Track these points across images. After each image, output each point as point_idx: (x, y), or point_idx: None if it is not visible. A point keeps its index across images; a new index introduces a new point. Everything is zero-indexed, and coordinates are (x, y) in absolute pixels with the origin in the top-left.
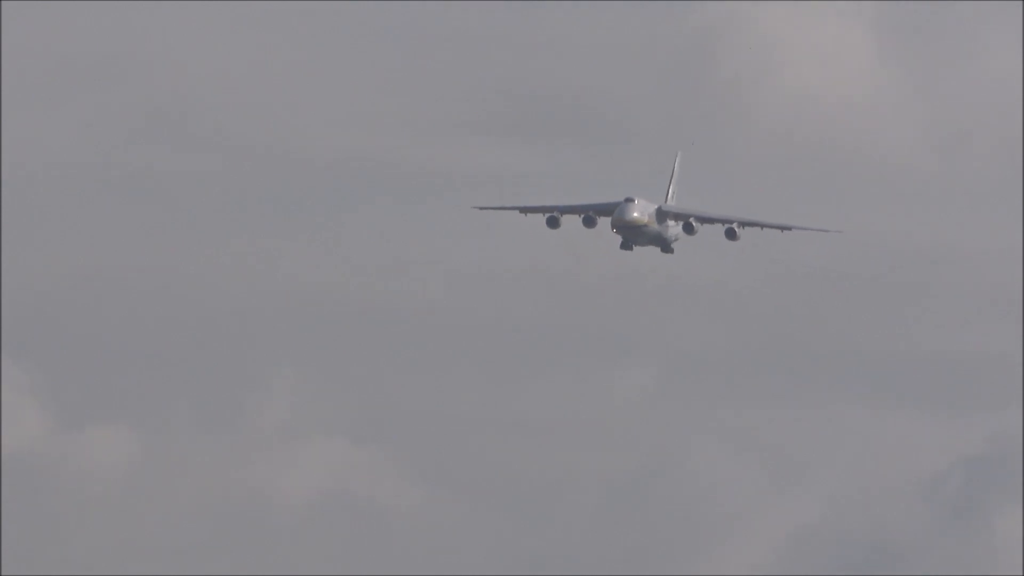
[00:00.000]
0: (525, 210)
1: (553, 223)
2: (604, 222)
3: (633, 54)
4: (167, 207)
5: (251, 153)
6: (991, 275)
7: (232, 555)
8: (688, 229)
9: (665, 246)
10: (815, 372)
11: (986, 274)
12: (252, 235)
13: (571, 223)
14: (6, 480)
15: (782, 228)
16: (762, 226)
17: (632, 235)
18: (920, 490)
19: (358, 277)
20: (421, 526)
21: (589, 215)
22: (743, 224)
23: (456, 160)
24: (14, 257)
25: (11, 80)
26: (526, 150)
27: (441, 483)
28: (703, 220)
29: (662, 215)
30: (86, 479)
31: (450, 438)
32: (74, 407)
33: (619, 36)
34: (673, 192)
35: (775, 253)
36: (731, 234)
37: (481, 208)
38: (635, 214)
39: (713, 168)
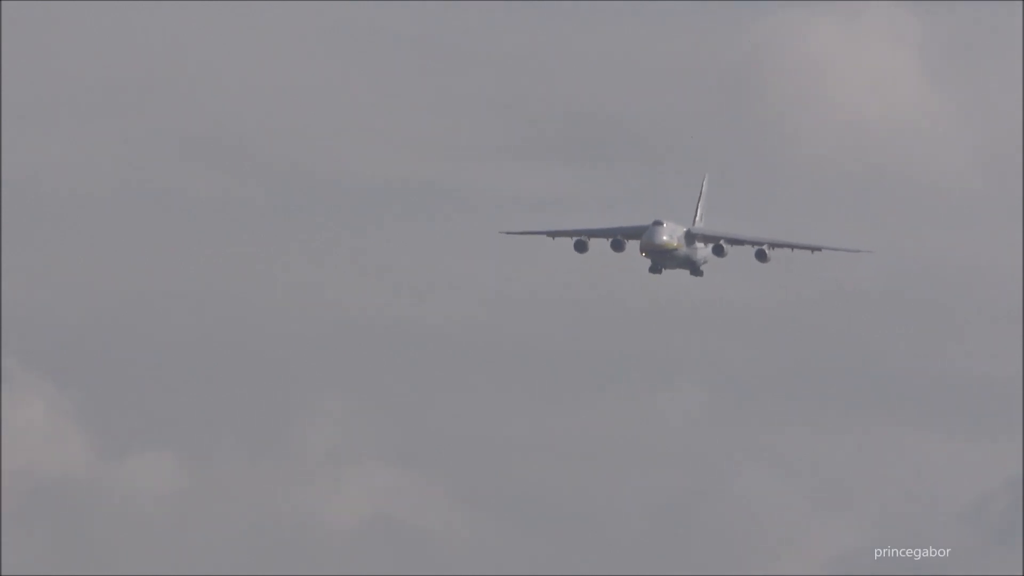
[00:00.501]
0: (554, 234)
1: (581, 247)
2: (632, 245)
3: (674, 77)
4: (203, 230)
5: (286, 175)
6: None
7: None
8: (718, 251)
9: (694, 269)
10: (856, 394)
11: None
12: (289, 259)
13: (599, 247)
14: (51, 508)
15: (812, 249)
16: (792, 247)
17: (661, 258)
18: (964, 512)
19: (397, 301)
20: (465, 551)
21: (617, 239)
22: (773, 245)
23: (493, 183)
24: (57, 283)
25: (45, 101)
26: (566, 173)
27: (486, 508)
28: (733, 242)
29: (691, 237)
30: (130, 507)
31: (494, 463)
32: (118, 435)
33: (661, 59)
34: (701, 214)
35: (818, 274)
36: (761, 256)
37: (508, 233)
38: (664, 237)
39: (756, 190)
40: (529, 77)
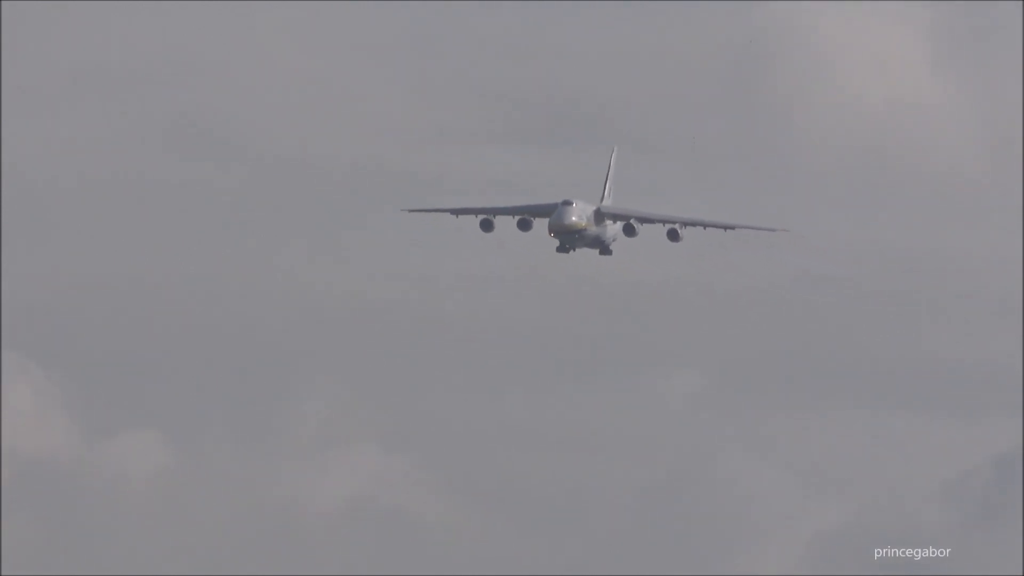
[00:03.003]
0: (457, 212)
1: (487, 226)
2: (540, 224)
3: (673, 63)
4: (189, 215)
5: (269, 162)
6: None
7: (261, 563)
8: (628, 231)
9: (604, 248)
10: (835, 379)
11: None
12: (276, 243)
13: (505, 225)
14: (38, 488)
15: (725, 227)
16: (705, 226)
17: (570, 239)
18: (948, 494)
19: (384, 285)
20: (451, 536)
21: (525, 218)
22: (685, 224)
23: (478, 169)
24: (43, 266)
25: (33, 87)
26: (553, 159)
27: (471, 493)
28: (643, 220)
29: (600, 216)
30: (116, 487)
31: (478, 448)
32: (104, 415)
33: (659, 44)
34: (610, 190)
35: (800, 259)
36: (673, 235)
37: (411, 210)
38: (573, 218)
39: (755, 175)
40: (517, 62)
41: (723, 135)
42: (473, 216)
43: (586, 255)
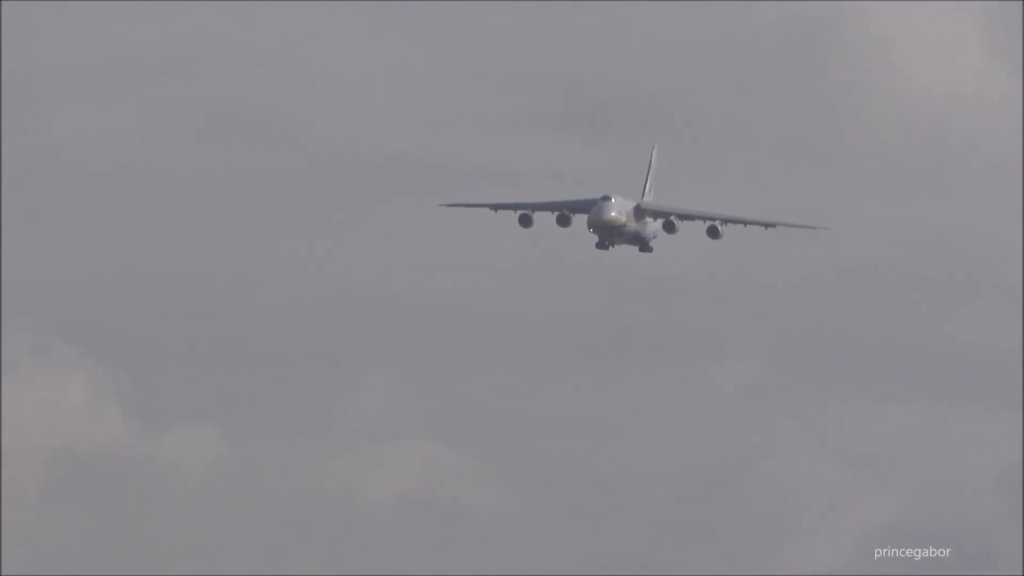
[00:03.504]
0: (496, 207)
1: (525, 221)
2: (579, 220)
3: (720, 50)
4: (237, 207)
5: (316, 152)
6: None
7: (314, 556)
8: (669, 227)
9: (644, 245)
10: (885, 370)
11: None
12: (325, 235)
13: (544, 221)
14: (92, 482)
15: (766, 225)
16: (745, 223)
17: (609, 235)
18: (1000, 485)
19: (432, 278)
20: (502, 527)
21: (564, 213)
22: (726, 221)
23: (523, 159)
24: (96, 260)
25: (72, 77)
26: (597, 149)
27: (522, 484)
28: (684, 217)
29: (640, 212)
30: (172, 480)
31: (529, 439)
32: (159, 408)
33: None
34: (650, 187)
35: (851, 249)
36: (713, 232)
37: (449, 205)
38: (613, 213)
39: (808, 165)
40: (564, 53)
41: (774, 126)
42: (512, 211)
43: (626, 252)
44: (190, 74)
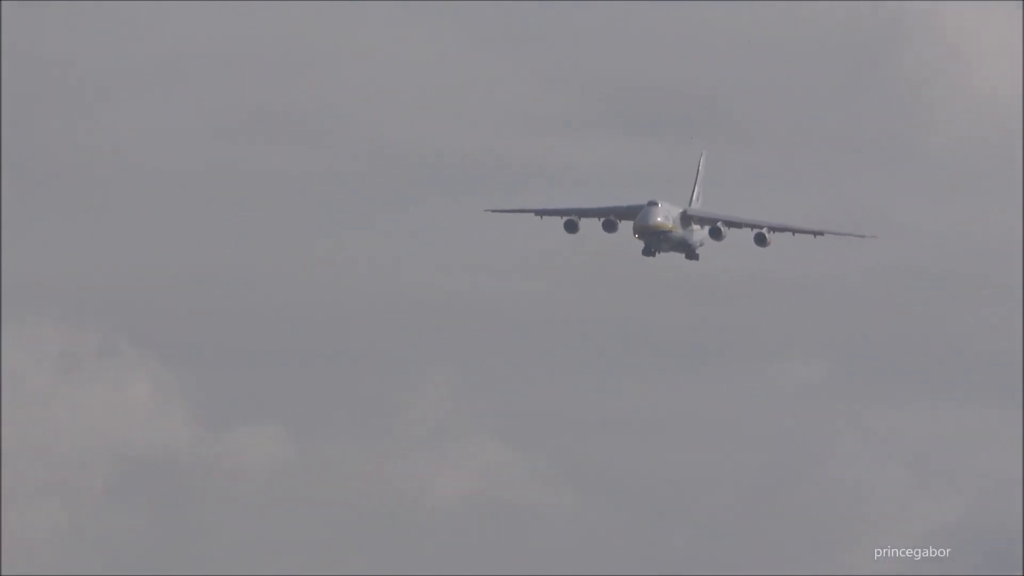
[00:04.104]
0: (541, 213)
1: (571, 227)
2: (625, 226)
3: (786, 53)
4: (302, 209)
5: (359, 150)
6: None
7: (379, 557)
8: (715, 234)
9: (690, 252)
10: (946, 372)
11: None
12: (389, 236)
13: (590, 227)
14: (159, 484)
15: (815, 233)
16: (793, 231)
17: (655, 241)
18: None
19: (494, 280)
20: (564, 528)
21: (610, 219)
22: (773, 229)
23: (581, 159)
24: (159, 259)
25: (117, 77)
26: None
27: (585, 486)
28: (730, 224)
29: (687, 219)
30: (236, 481)
31: (591, 441)
32: (224, 409)
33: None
34: (698, 194)
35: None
36: (761, 239)
37: (495, 211)
38: (659, 219)
39: (878, 169)
40: (625, 54)
41: (837, 128)
42: (558, 217)
43: (672, 259)
44: (235, 73)
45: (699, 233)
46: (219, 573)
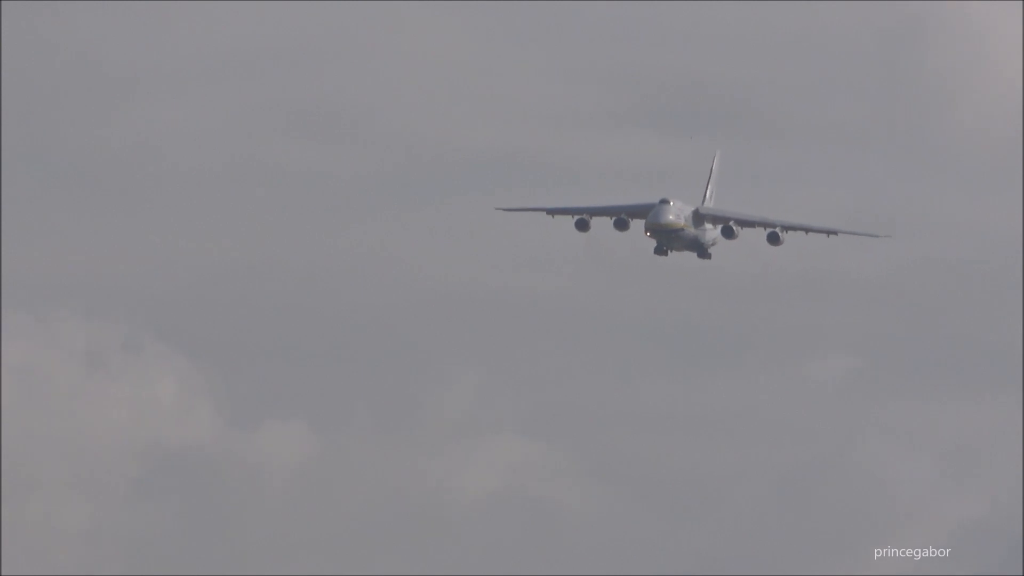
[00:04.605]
0: (552, 212)
1: (582, 226)
2: (637, 225)
3: (813, 48)
4: (329, 204)
5: (392, 147)
6: None
7: (403, 553)
8: (727, 233)
9: (702, 251)
10: (975, 366)
11: None
12: (407, 230)
13: (601, 226)
14: (183, 479)
15: (828, 232)
16: (807, 230)
17: (667, 239)
18: None
19: (520, 274)
20: (592, 524)
21: (621, 217)
22: (786, 228)
23: (599, 153)
24: (186, 255)
25: (144, 73)
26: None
27: (612, 481)
28: (743, 223)
29: (699, 218)
30: (261, 476)
31: (619, 435)
32: (250, 405)
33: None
34: (711, 193)
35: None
36: (774, 239)
37: (505, 209)
38: (670, 217)
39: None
40: (656, 49)
41: (865, 122)
42: (569, 216)
43: (685, 258)
44: (257, 70)
45: (711, 232)
46: (242, 569)
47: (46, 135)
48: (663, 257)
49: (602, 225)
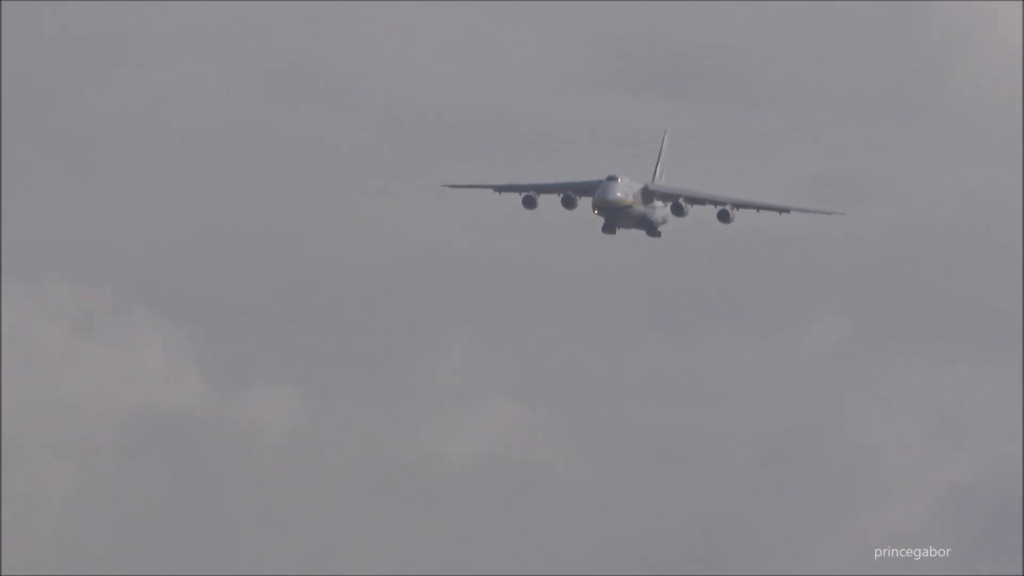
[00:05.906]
0: (500, 189)
1: (529, 203)
2: (585, 202)
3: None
4: (317, 167)
5: (392, 112)
6: None
7: (393, 518)
8: (677, 210)
9: (651, 229)
10: (964, 331)
11: None
12: (397, 193)
13: (549, 203)
14: (173, 445)
15: (780, 210)
16: (758, 208)
17: (615, 217)
18: None
19: (509, 238)
20: (582, 489)
21: (568, 195)
22: (737, 206)
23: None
24: (172, 219)
25: (141, 38)
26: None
27: (603, 446)
28: (693, 200)
29: (648, 195)
30: (250, 441)
31: (608, 400)
32: (237, 370)
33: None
34: (661, 170)
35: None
36: (724, 216)
37: (452, 186)
38: (618, 194)
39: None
40: (647, 13)
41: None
42: (516, 193)
43: (634, 236)
44: (264, 36)
45: (661, 211)
46: (231, 533)
47: (33, 100)
48: (611, 235)
49: (551, 202)
